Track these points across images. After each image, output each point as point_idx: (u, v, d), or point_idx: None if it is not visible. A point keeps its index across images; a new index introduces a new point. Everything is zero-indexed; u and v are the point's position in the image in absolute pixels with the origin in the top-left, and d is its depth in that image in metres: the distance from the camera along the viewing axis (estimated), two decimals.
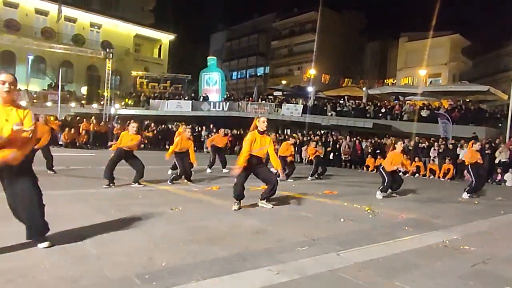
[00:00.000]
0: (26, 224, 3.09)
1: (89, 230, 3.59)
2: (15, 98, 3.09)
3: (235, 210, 5.05)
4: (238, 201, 5.16)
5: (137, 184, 6.77)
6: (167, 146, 17.41)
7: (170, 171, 8.72)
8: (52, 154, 8.12)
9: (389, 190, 7.46)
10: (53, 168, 8.06)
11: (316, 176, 10.38)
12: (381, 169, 7.49)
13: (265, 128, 5.31)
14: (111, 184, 6.52)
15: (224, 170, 10.05)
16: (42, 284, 2.35)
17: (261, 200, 5.48)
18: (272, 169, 6.25)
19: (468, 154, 8.23)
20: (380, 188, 7.25)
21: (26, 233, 3.13)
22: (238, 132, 20.06)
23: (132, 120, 7.45)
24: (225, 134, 13.21)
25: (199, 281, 2.53)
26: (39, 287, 2.31)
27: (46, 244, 3.11)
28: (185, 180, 7.63)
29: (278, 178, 5.95)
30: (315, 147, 11.06)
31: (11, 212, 3.09)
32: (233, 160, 7.30)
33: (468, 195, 7.94)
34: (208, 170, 10.01)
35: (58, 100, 22.17)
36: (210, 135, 16.95)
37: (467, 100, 20.71)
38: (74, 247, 3.09)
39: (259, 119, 5.35)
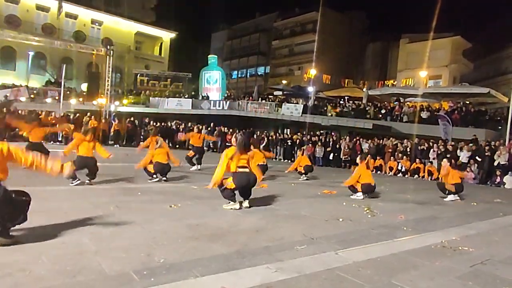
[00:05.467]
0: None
1: (88, 226, 3.60)
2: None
3: (237, 209, 4.99)
4: (233, 201, 5.08)
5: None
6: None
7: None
8: (51, 150, 8.11)
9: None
10: None
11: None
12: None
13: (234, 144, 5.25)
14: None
15: (193, 168, 9.82)
16: (40, 279, 2.34)
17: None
18: None
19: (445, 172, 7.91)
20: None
21: None
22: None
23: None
24: (199, 131, 12.19)
25: (198, 277, 2.53)
26: (37, 281, 2.31)
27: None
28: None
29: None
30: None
31: None
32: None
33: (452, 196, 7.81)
34: (198, 167, 9.98)
35: (60, 97, 22.17)
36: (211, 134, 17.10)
37: (468, 102, 20.68)
38: (72, 242, 3.09)
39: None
